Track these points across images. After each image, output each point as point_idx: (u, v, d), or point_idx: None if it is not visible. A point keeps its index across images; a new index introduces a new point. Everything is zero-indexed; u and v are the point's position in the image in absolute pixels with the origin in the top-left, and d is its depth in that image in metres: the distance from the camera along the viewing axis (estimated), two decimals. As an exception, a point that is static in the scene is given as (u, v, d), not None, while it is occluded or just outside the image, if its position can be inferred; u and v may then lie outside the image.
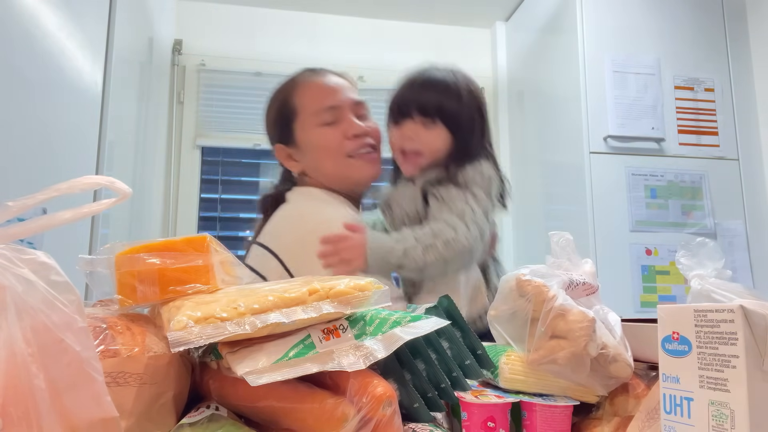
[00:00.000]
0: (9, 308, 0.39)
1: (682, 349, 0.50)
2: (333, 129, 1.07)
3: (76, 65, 1.39)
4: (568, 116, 2.26)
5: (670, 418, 0.51)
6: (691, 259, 0.72)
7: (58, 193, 0.44)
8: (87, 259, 0.58)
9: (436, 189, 1.02)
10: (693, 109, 2.20)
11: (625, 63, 2.19)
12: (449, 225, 0.96)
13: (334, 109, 1.08)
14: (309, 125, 1.09)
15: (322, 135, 1.07)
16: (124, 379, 0.50)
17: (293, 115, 1.10)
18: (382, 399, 0.48)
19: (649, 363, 0.69)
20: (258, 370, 0.48)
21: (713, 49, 2.26)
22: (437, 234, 0.95)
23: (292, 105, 1.11)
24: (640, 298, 2.03)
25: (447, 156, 1.04)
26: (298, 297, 0.52)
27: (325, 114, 1.07)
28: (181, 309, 0.51)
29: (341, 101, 1.09)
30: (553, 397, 0.65)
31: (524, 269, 0.70)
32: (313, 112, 1.08)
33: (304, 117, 1.09)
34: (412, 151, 1.05)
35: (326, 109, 1.08)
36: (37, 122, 1.24)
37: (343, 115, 1.08)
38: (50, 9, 1.27)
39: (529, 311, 0.67)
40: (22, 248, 0.42)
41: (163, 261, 0.57)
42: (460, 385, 0.61)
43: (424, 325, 0.55)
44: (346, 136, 1.07)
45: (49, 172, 1.25)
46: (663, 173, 2.14)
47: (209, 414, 0.52)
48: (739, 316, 0.46)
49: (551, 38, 2.46)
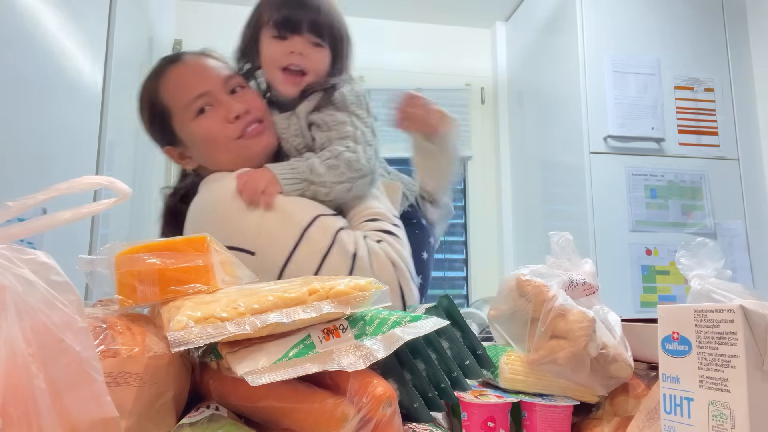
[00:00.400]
0: (9, 308, 0.39)
1: (682, 349, 0.50)
2: (211, 117, 0.99)
3: (76, 65, 1.39)
4: (568, 116, 2.26)
5: (670, 418, 0.51)
6: (691, 259, 0.72)
7: (58, 193, 0.44)
8: (87, 259, 0.58)
9: (319, 116, 0.99)
10: (693, 109, 2.20)
11: (625, 63, 2.19)
12: (347, 148, 0.95)
13: (204, 96, 0.99)
14: (185, 120, 1.01)
15: (201, 126, 1.00)
16: (124, 379, 0.50)
17: (167, 115, 1.02)
18: (382, 399, 0.48)
19: (649, 363, 0.69)
20: (258, 370, 0.48)
21: (713, 49, 2.26)
22: (338, 155, 0.95)
23: (162, 104, 1.02)
24: (640, 298, 2.03)
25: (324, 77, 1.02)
26: (298, 297, 0.52)
27: (197, 103, 0.99)
28: (181, 309, 0.51)
29: (209, 84, 1.00)
30: (553, 397, 0.65)
31: (524, 269, 0.70)
32: (184, 106, 1.00)
33: (177, 113, 1.01)
34: (297, 69, 1.00)
35: (196, 99, 0.99)
36: (37, 122, 1.24)
37: (216, 99, 1.00)
38: (50, 9, 1.28)
39: (529, 311, 0.67)
40: (22, 248, 0.42)
41: (163, 261, 0.57)
42: (460, 385, 0.61)
43: (424, 325, 0.55)
44: (227, 120, 0.99)
45: (49, 172, 1.25)
46: (663, 173, 2.14)
47: (209, 414, 0.52)
48: (739, 316, 0.46)
49: (551, 38, 2.46)
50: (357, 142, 0.96)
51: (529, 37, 2.68)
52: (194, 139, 1.02)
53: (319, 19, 0.99)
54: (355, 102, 1.00)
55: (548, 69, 2.48)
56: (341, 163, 0.94)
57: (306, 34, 0.99)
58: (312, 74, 1.00)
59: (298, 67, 0.99)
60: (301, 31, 0.99)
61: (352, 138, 0.97)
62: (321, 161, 0.95)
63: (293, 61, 0.99)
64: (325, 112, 0.98)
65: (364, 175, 0.96)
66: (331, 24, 1.01)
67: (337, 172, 0.94)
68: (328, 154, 0.95)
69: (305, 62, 0.99)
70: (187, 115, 1.01)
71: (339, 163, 0.94)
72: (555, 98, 2.40)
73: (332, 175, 0.94)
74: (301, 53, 0.99)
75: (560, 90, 2.35)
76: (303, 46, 0.99)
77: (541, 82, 2.55)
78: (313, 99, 1.01)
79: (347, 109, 0.99)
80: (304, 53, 0.99)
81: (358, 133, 0.97)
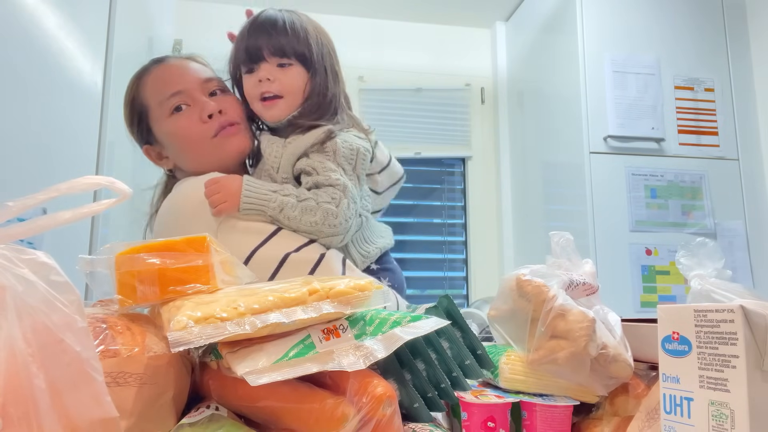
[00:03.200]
0: (9, 308, 0.39)
1: (682, 349, 0.50)
2: (186, 115, 1.00)
3: (76, 65, 1.39)
4: (568, 116, 2.26)
5: (670, 418, 0.51)
6: (691, 259, 0.72)
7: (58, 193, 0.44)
8: (87, 259, 0.58)
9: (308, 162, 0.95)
10: (693, 109, 2.20)
11: (625, 63, 2.19)
12: (333, 200, 0.91)
13: (180, 94, 1.00)
14: (161, 118, 1.01)
15: (175, 124, 1.00)
16: (124, 379, 0.50)
17: (145, 112, 1.03)
18: (382, 399, 0.48)
19: (649, 363, 0.69)
20: (258, 370, 0.48)
21: (713, 49, 2.26)
22: (319, 203, 0.90)
23: (141, 101, 1.04)
24: (640, 298, 2.03)
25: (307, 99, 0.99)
26: (298, 297, 0.52)
27: (172, 101, 1.00)
28: (181, 309, 0.51)
29: (186, 83, 1.01)
30: (553, 397, 0.65)
31: (524, 269, 0.70)
32: (159, 103, 1.01)
33: (153, 111, 1.02)
34: (271, 95, 0.98)
35: (171, 96, 1.00)
36: (37, 122, 1.24)
37: (192, 98, 1.00)
38: (50, 9, 1.28)
39: (529, 311, 0.67)
40: (22, 248, 0.42)
41: (163, 261, 0.57)
42: (460, 385, 0.61)
43: (424, 325, 0.55)
44: (201, 119, 0.99)
45: (49, 172, 1.25)
46: (663, 173, 2.14)
47: (209, 414, 0.52)
48: (739, 316, 0.46)
49: (551, 38, 2.46)
50: (345, 195, 0.92)
51: (529, 37, 2.68)
52: (169, 138, 1.02)
53: (280, 40, 0.97)
54: (347, 156, 0.96)
55: (548, 69, 2.48)
56: (319, 212, 0.90)
57: (270, 58, 0.98)
58: (288, 95, 0.98)
59: (270, 93, 0.98)
60: (264, 58, 0.98)
61: (341, 189, 0.92)
62: (298, 201, 0.91)
63: (263, 90, 0.98)
64: (315, 158, 0.95)
65: (336, 234, 0.92)
66: (295, 39, 0.98)
67: (310, 219, 0.90)
68: (311, 198, 0.91)
69: (275, 86, 0.97)
70: (163, 112, 1.01)
71: (317, 210, 0.90)
72: (555, 98, 2.40)
73: (303, 221, 0.91)
74: (269, 78, 0.97)
75: (560, 90, 2.35)
76: (269, 72, 0.97)
77: (541, 82, 2.55)
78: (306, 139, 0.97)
79: (336, 160, 0.95)
80: (272, 77, 0.97)
81: (349, 186, 0.93)
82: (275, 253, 0.88)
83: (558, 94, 2.37)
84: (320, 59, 1.00)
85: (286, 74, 0.98)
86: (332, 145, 0.96)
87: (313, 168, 0.94)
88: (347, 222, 0.92)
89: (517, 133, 2.80)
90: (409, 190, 2.84)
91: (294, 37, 0.98)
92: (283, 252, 0.89)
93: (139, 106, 1.04)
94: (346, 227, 0.92)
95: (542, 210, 2.51)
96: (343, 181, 0.93)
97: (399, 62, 2.86)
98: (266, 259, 0.87)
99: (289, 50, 0.98)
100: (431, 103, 2.87)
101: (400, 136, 2.80)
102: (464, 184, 2.91)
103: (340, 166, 0.95)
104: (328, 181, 0.92)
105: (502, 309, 0.71)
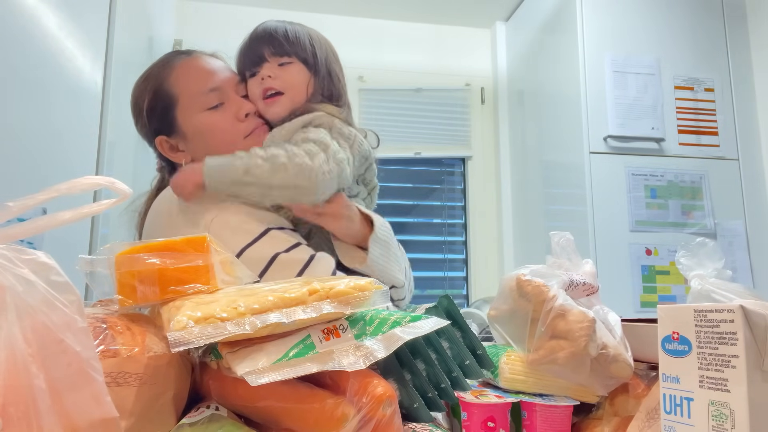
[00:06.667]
0: (9, 308, 0.39)
1: (682, 349, 0.50)
2: (222, 112, 0.99)
3: (76, 65, 1.39)
4: (568, 116, 2.26)
5: (670, 418, 0.51)
6: (691, 259, 0.72)
7: (58, 193, 0.44)
8: (87, 259, 0.58)
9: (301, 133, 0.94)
10: (693, 109, 2.20)
11: (625, 63, 2.19)
12: (307, 152, 0.88)
13: (218, 91, 1.00)
14: (193, 111, 1.00)
15: (210, 120, 0.99)
16: (124, 379, 0.50)
17: (172, 103, 1.01)
18: (382, 399, 0.48)
19: (649, 363, 0.69)
20: (258, 370, 0.48)
21: (713, 49, 2.26)
22: (292, 156, 0.87)
23: (169, 91, 1.01)
24: (640, 298, 2.03)
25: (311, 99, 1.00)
26: (298, 297, 0.52)
27: (210, 97, 0.99)
28: (181, 309, 0.51)
29: (224, 81, 1.01)
30: (553, 397, 0.65)
31: (524, 269, 0.70)
32: (194, 95, 1.00)
33: (185, 102, 1.00)
34: (273, 92, 0.99)
35: (209, 92, 0.99)
36: (37, 122, 1.24)
37: (229, 96, 1.00)
38: (50, 9, 1.28)
39: (529, 311, 0.67)
40: (22, 248, 0.42)
41: (163, 261, 0.57)
42: (460, 385, 0.61)
43: (424, 325, 0.55)
44: (238, 117, 0.99)
45: (49, 172, 1.25)
46: (663, 173, 2.14)
47: (209, 414, 0.52)
48: (739, 316, 0.46)
49: (551, 38, 2.46)
50: (324, 151, 0.88)
51: (529, 37, 2.68)
52: (197, 132, 1.01)
53: (280, 40, 0.99)
54: (344, 134, 0.95)
55: (548, 69, 2.48)
56: (291, 166, 0.86)
57: (271, 58, 0.99)
58: (289, 91, 0.99)
59: (272, 90, 0.99)
60: (266, 59, 0.99)
61: (320, 145, 0.89)
62: (265, 158, 0.87)
63: (265, 87, 0.98)
64: (310, 129, 0.95)
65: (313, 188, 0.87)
66: (295, 39, 1.00)
67: (282, 175, 0.86)
68: (281, 154, 0.87)
69: (276, 82, 0.98)
70: (197, 105, 1.00)
71: (288, 166, 0.86)
72: (555, 98, 2.40)
73: (275, 179, 0.86)
74: (270, 75, 0.98)
75: (560, 90, 2.35)
76: (270, 70, 0.98)
77: (541, 82, 2.55)
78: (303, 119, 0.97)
79: (331, 134, 0.94)
80: (273, 74, 0.98)
81: (333, 146, 0.90)
82: (264, 254, 0.87)
83: (558, 94, 2.37)
84: (323, 61, 1.02)
85: (286, 71, 0.99)
86: (329, 121, 0.96)
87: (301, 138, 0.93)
88: (325, 176, 0.87)
89: (517, 133, 2.80)
90: (409, 190, 2.84)
91: (294, 40, 1.00)
92: (272, 252, 0.88)
93: (165, 96, 1.01)
94: (325, 182, 0.87)
95: (542, 210, 2.51)
96: (325, 140, 0.90)
97: (399, 62, 2.86)
98: (255, 259, 0.86)
99: (290, 50, 0.99)
100: (431, 103, 2.87)
101: (400, 136, 2.79)
102: (464, 184, 2.91)
103: (333, 139, 0.93)
104: (308, 138, 0.90)
105: (502, 309, 0.71)
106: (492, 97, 2.94)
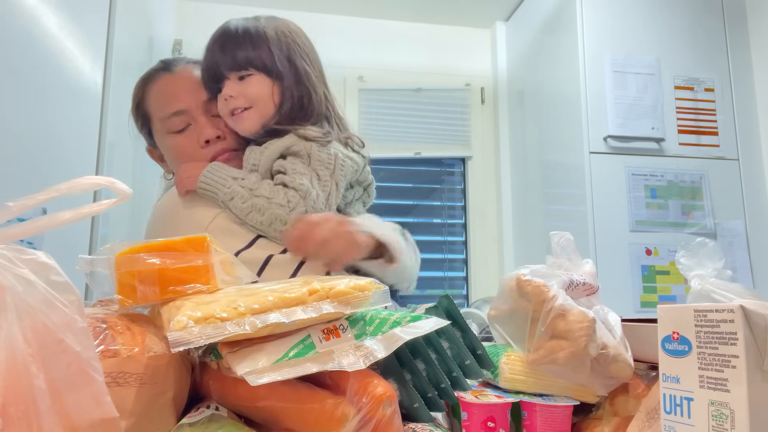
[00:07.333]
0: (9, 308, 0.39)
1: (682, 349, 0.50)
2: (187, 136, 1.00)
3: (76, 65, 1.39)
4: (568, 116, 2.26)
5: (670, 418, 0.51)
6: (691, 259, 0.72)
7: (58, 193, 0.44)
8: (87, 259, 0.58)
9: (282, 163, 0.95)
10: (693, 109, 2.20)
11: (625, 63, 2.19)
12: (289, 200, 0.90)
13: (181, 114, 1.00)
14: (161, 132, 1.03)
15: (174, 144, 1.01)
16: (124, 379, 0.50)
17: (148, 120, 1.05)
18: (382, 399, 0.48)
19: (649, 363, 0.69)
20: (258, 370, 0.48)
21: (713, 49, 2.26)
22: (273, 203, 0.90)
23: (145, 109, 1.05)
24: (640, 298, 2.03)
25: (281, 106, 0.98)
26: (298, 297, 0.52)
27: (174, 121, 1.00)
28: (181, 309, 0.51)
29: (189, 103, 1.00)
30: (553, 397, 0.65)
31: (524, 269, 0.70)
32: (160, 119, 1.02)
33: (155, 123, 1.04)
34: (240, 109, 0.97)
35: (173, 116, 1.00)
36: (37, 122, 1.24)
37: (195, 118, 1.00)
38: (50, 9, 1.27)
39: (529, 311, 0.67)
40: (22, 248, 0.42)
41: (163, 261, 0.57)
42: (460, 385, 0.61)
43: (424, 325, 0.55)
44: (199, 143, 1.00)
45: (49, 172, 1.25)
46: (663, 173, 2.14)
47: (209, 414, 0.52)
48: (739, 316, 0.46)
49: (551, 38, 2.46)
50: (304, 201, 0.90)
51: (529, 37, 2.68)
52: (166, 151, 1.05)
53: (235, 53, 0.96)
54: (323, 161, 0.95)
55: (548, 69, 2.48)
56: (267, 213, 0.90)
57: (230, 74, 0.97)
58: (256, 104, 0.97)
59: (238, 108, 0.97)
60: (225, 76, 0.97)
61: (302, 194, 0.91)
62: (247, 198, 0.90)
63: (231, 107, 0.97)
64: (289, 160, 0.95)
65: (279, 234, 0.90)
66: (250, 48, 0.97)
67: (257, 217, 0.90)
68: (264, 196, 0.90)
69: (240, 101, 0.97)
70: (163, 128, 1.02)
71: (266, 211, 0.90)
72: (555, 98, 2.40)
73: (249, 218, 0.90)
74: (232, 95, 0.97)
75: (560, 90, 2.35)
76: (231, 88, 0.97)
77: (541, 82, 2.55)
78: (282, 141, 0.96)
79: (311, 165, 0.94)
80: (235, 93, 0.96)
81: (312, 193, 0.92)
82: (258, 256, 0.89)
83: (558, 94, 2.37)
84: (284, 62, 0.98)
85: (247, 85, 0.97)
86: (307, 148, 0.95)
87: (284, 168, 0.94)
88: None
89: (517, 133, 2.80)
90: (409, 190, 2.84)
91: (249, 46, 0.96)
92: (267, 254, 0.90)
93: (144, 112, 1.06)
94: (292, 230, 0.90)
95: (542, 210, 2.51)
96: (306, 187, 0.91)
97: (399, 62, 2.86)
98: (250, 261, 0.88)
99: (244, 62, 0.96)
100: (431, 103, 2.87)
101: (400, 136, 2.79)
102: (464, 184, 2.91)
103: (314, 171, 0.94)
104: (292, 183, 0.92)
105: (502, 309, 0.71)
106: (492, 97, 2.94)
